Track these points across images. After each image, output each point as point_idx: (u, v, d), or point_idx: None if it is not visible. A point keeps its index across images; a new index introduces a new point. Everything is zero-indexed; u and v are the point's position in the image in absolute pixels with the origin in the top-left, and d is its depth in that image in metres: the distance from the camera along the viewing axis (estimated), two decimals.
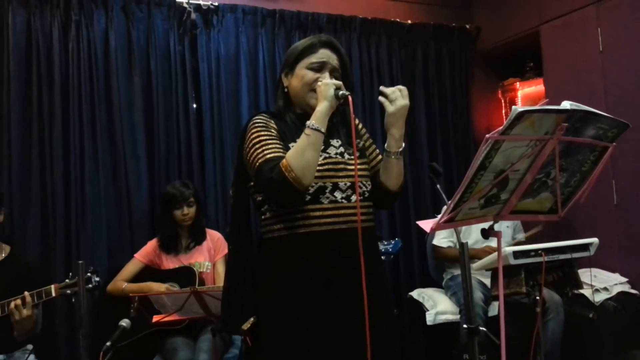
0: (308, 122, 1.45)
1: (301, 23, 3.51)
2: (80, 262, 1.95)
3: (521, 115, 1.16)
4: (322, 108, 1.46)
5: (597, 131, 1.31)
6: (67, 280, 2.17)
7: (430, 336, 3.37)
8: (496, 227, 1.41)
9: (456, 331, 2.91)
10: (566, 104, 1.24)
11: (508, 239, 3.14)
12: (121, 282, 2.71)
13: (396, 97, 1.53)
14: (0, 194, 2.45)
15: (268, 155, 1.45)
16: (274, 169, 1.41)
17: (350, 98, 1.47)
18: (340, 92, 1.47)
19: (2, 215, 2.40)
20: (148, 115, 3.16)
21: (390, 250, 2.62)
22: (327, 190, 1.50)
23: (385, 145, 1.59)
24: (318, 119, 1.45)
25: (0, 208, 2.38)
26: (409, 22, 3.84)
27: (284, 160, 1.41)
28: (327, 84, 1.48)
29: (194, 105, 3.31)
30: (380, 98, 1.55)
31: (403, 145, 1.59)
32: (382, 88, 1.56)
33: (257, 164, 1.45)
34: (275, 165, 1.41)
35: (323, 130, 1.45)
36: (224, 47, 3.33)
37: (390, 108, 1.54)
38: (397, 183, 1.61)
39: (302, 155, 1.41)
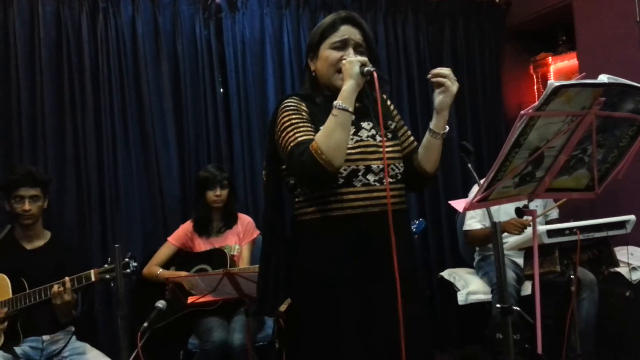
0: (335, 102, 1.43)
1: (325, 3, 3.46)
2: (116, 245, 2.01)
3: (557, 90, 1.13)
4: (348, 87, 1.43)
5: (637, 105, 1.27)
6: (105, 266, 2.22)
7: (462, 316, 3.36)
8: (530, 205, 1.39)
9: (488, 311, 2.89)
10: (603, 78, 1.20)
11: (539, 218, 3.09)
12: (156, 268, 2.77)
13: (453, 80, 1.50)
14: (50, 180, 2.51)
15: (300, 139, 1.44)
16: (304, 152, 1.40)
17: (375, 74, 1.42)
18: (366, 69, 1.43)
19: (47, 201, 2.47)
20: (176, 101, 3.20)
21: (414, 230, 2.62)
22: (360, 174, 1.49)
23: (433, 125, 1.55)
24: (345, 98, 1.42)
25: (47, 194, 2.46)
26: None
27: (313, 143, 1.40)
28: (352, 62, 1.44)
29: (221, 90, 3.33)
30: (441, 79, 1.49)
31: (447, 128, 1.57)
32: (439, 69, 1.51)
33: (289, 147, 1.45)
34: (305, 149, 1.41)
35: (351, 109, 1.42)
36: (249, 30, 3.33)
37: (453, 88, 1.50)
38: (435, 166, 1.60)
39: (331, 136, 1.39)
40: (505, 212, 2.88)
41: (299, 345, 1.54)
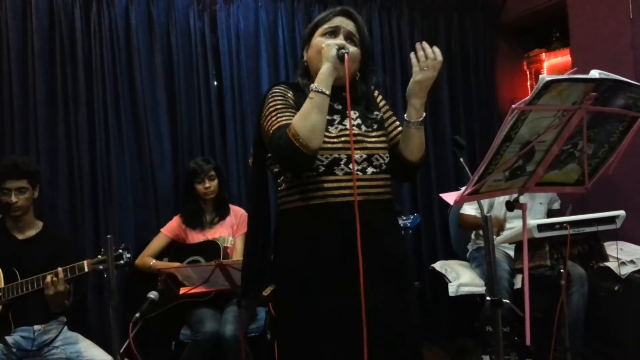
0: (311, 85, 1.43)
1: None
2: (108, 236, 2.00)
3: (549, 84, 1.15)
4: (324, 69, 1.43)
5: (627, 101, 1.29)
6: (99, 257, 2.21)
7: (453, 308, 3.39)
8: (527, 202, 1.40)
9: (478, 303, 2.92)
10: (595, 73, 1.22)
11: (540, 215, 3.09)
12: (149, 259, 2.78)
13: (427, 67, 1.47)
14: (37, 170, 2.51)
15: (281, 123, 1.44)
16: (282, 136, 1.40)
17: (347, 56, 1.42)
18: (342, 51, 1.43)
19: (38, 191, 2.46)
20: (170, 93, 3.19)
21: (408, 225, 2.63)
22: (342, 162, 1.48)
23: (405, 115, 1.55)
24: (321, 80, 1.42)
25: (36, 184, 2.45)
26: None
27: (290, 126, 1.40)
28: (329, 45, 1.45)
29: (215, 83, 3.32)
30: (413, 60, 1.49)
31: (424, 115, 1.54)
32: (416, 51, 1.49)
33: (270, 131, 1.45)
34: (284, 132, 1.41)
35: (327, 92, 1.41)
36: (244, 22, 3.32)
37: (417, 75, 1.48)
38: (418, 154, 1.58)
39: (307, 118, 1.39)
40: (507, 214, 2.90)
41: (285, 333, 1.54)
